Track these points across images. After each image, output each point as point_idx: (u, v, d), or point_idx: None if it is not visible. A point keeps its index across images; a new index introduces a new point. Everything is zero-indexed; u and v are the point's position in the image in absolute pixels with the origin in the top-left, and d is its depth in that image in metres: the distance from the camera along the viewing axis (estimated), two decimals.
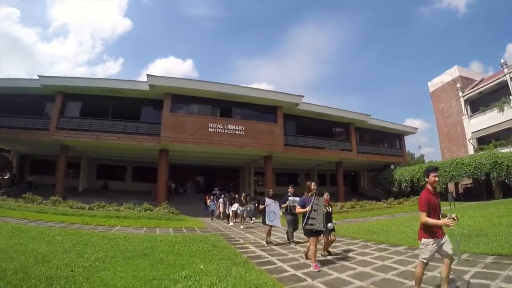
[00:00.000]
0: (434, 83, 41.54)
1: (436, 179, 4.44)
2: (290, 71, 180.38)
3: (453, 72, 38.37)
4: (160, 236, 9.57)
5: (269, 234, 9.46)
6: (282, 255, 7.71)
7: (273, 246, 8.95)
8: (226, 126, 21.70)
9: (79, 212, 14.76)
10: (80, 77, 21.94)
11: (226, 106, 22.75)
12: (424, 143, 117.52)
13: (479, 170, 23.57)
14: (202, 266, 5.72)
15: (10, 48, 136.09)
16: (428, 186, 4.46)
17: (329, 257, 7.22)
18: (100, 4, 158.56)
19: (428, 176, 4.45)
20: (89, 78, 22.07)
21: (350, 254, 7.43)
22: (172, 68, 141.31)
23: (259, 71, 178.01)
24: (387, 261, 6.54)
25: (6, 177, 25.53)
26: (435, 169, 4.45)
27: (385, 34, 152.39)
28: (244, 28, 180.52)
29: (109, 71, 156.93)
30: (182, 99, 21.67)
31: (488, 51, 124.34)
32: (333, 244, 7.94)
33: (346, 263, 6.57)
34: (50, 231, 9.11)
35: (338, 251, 7.85)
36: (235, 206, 16.13)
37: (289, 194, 9.65)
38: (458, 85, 35.76)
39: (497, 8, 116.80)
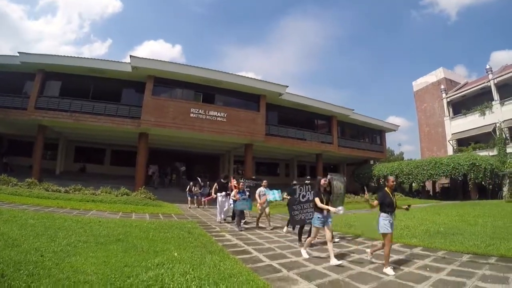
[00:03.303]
0: (419, 83, 42.20)
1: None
2: (278, 62, 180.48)
3: (438, 74, 39.10)
4: (136, 222, 9.49)
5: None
6: (258, 244, 7.76)
7: (249, 235, 8.97)
8: (208, 112, 21.43)
9: (55, 195, 14.50)
10: (61, 55, 21.25)
11: (209, 92, 22.48)
12: (404, 141, 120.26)
13: (457, 170, 24.37)
14: (176, 254, 5.69)
15: None
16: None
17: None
18: None
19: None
20: (71, 56, 21.41)
21: (325, 247, 7.46)
22: (160, 52, 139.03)
23: (248, 61, 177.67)
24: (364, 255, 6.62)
25: None
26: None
27: (375, 33, 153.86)
28: (235, 16, 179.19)
29: (96, 52, 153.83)
30: (165, 82, 21.32)
31: (473, 57, 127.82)
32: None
33: (324, 255, 6.63)
34: (23, 214, 8.87)
35: (314, 242, 7.88)
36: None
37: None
38: (442, 87, 36.59)
39: (485, 19, 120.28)
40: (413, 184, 32.71)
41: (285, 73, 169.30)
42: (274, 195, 11.07)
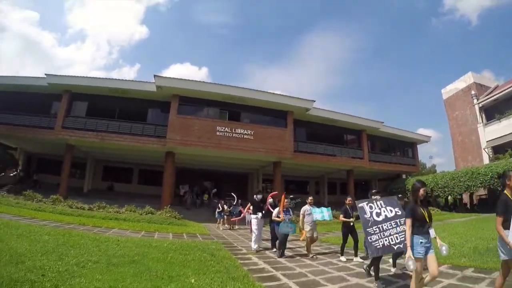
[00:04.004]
0: (448, 90, 40.04)
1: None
2: (302, 80, 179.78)
3: (467, 79, 36.94)
4: (156, 242, 8.87)
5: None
6: (288, 268, 6.94)
7: (279, 259, 8.11)
8: (235, 130, 21.00)
9: (78, 212, 14.36)
10: (87, 77, 21.73)
11: (235, 110, 22.08)
12: (434, 154, 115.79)
13: (495, 180, 22.51)
14: (193, 280, 5.03)
15: (27, 50, 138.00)
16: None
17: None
18: (118, 13, 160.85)
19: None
20: (96, 77, 21.81)
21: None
22: (187, 75, 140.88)
23: (272, 80, 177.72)
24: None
25: (11, 174, 25.23)
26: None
27: (396, 44, 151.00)
28: (258, 36, 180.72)
29: (124, 76, 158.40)
30: (189, 101, 21.08)
31: (499, 61, 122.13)
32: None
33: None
34: (40, 230, 8.56)
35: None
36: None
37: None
38: (473, 92, 34.54)
39: (506, 19, 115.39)
40: (449, 198, 31.04)
41: (310, 90, 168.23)
42: (322, 213, 9.06)
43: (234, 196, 18.27)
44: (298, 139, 24.31)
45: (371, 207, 5.90)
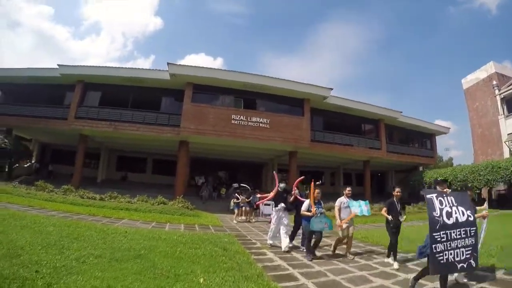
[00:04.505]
0: (469, 80, 38.19)
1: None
2: (317, 69, 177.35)
3: (489, 68, 35.12)
4: (166, 234, 8.38)
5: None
6: (306, 266, 6.35)
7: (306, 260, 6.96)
8: (250, 119, 20.45)
9: (88, 203, 14.05)
10: (99, 66, 21.58)
11: (251, 98, 21.54)
12: (451, 146, 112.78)
13: None
14: (202, 280, 4.50)
15: (42, 44, 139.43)
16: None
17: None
18: (132, 4, 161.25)
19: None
20: (109, 67, 21.69)
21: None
22: (202, 65, 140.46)
23: (286, 70, 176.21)
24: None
25: (25, 165, 25.31)
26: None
27: (413, 33, 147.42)
28: (272, 25, 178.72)
29: (139, 67, 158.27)
30: (204, 89, 20.61)
31: None
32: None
33: None
34: (46, 221, 8.22)
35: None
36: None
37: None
38: (494, 82, 32.77)
39: None
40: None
41: (324, 80, 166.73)
42: (360, 207, 7.64)
43: (247, 186, 17.76)
44: (314, 128, 23.68)
45: (441, 203, 4.33)
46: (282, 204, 8.43)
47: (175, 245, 6.92)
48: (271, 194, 9.07)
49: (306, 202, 7.60)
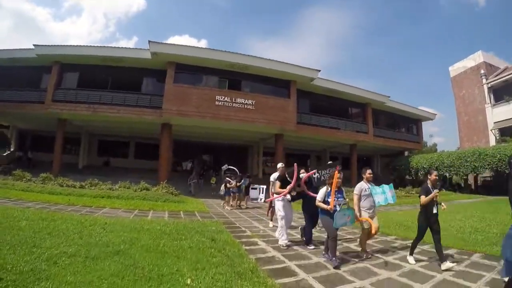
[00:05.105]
0: (456, 68, 38.43)
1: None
2: (303, 54, 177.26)
3: (477, 58, 35.39)
4: (148, 223, 7.80)
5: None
6: (303, 258, 5.76)
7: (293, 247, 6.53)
8: (235, 100, 19.82)
9: (67, 191, 13.39)
10: (77, 45, 20.29)
11: (235, 78, 20.87)
12: (434, 133, 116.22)
13: (503, 162, 21.82)
14: (189, 281, 3.91)
15: (22, 26, 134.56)
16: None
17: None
18: None
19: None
20: (88, 46, 20.53)
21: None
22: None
23: (273, 53, 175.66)
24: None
25: (4, 154, 24.21)
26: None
27: (401, 22, 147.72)
28: (258, 8, 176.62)
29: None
30: (187, 69, 19.83)
31: (504, 44, 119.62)
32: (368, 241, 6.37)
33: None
34: (19, 214, 7.50)
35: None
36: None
37: None
38: (482, 71, 33.24)
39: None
40: (453, 177, 30.65)
41: (310, 64, 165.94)
42: (385, 194, 5.98)
43: (236, 170, 17.14)
44: (301, 110, 23.22)
45: None
46: (288, 197, 6.70)
47: (158, 236, 6.36)
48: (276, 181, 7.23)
49: (322, 191, 5.69)
